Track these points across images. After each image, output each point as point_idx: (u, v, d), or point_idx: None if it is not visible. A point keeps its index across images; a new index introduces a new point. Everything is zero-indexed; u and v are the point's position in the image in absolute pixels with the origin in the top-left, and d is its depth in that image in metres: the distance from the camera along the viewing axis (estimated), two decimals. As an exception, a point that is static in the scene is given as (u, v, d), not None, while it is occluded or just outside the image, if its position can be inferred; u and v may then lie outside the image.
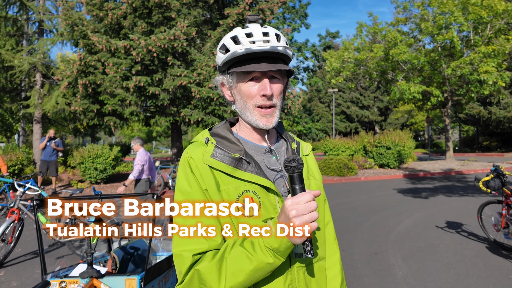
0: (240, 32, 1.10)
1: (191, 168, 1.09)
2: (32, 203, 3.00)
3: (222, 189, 1.06)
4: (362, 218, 7.90)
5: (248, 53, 1.06)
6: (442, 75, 18.32)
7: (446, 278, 4.52)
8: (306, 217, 0.93)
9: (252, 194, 1.06)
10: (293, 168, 0.99)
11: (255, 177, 1.07)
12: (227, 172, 1.07)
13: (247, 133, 1.18)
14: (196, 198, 1.05)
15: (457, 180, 14.48)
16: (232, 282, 0.96)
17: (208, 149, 1.10)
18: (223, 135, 1.15)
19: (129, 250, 3.44)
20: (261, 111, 1.11)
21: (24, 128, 22.59)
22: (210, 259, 0.98)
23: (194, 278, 0.98)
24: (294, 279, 1.07)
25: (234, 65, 1.11)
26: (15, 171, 12.10)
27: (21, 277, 4.82)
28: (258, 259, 0.96)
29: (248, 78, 1.10)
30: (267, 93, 1.08)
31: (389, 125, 41.79)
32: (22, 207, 5.96)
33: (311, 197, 0.95)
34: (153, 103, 14.06)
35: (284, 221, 0.95)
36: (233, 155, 1.09)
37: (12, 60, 14.39)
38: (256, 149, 1.17)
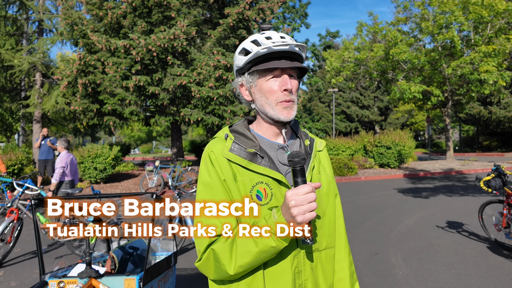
0: (260, 36, 1.23)
1: (211, 161, 1.21)
2: (31, 203, 2.98)
3: (238, 179, 1.18)
4: (363, 218, 7.88)
5: (269, 52, 1.18)
6: (443, 74, 18.30)
7: (447, 278, 4.50)
8: (305, 207, 1.03)
9: (265, 185, 1.18)
10: (295, 163, 1.08)
11: (268, 170, 1.19)
12: (242, 165, 1.19)
13: (265, 130, 1.29)
14: (215, 186, 1.18)
15: (458, 180, 14.46)
16: (241, 261, 1.09)
17: (227, 144, 1.22)
18: (241, 132, 1.27)
19: (128, 250, 3.42)
20: (282, 104, 1.22)
21: (24, 128, 22.56)
22: (224, 241, 1.11)
23: (210, 256, 1.12)
24: (300, 263, 1.18)
25: (255, 66, 1.23)
26: (14, 170, 12.08)
27: (20, 277, 4.81)
28: (263, 242, 1.08)
29: (270, 76, 1.22)
30: (288, 88, 1.20)
31: (389, 125, 41.77)
32: (21, 207, 5.94)
33: (311, 188, 1.05)
34: (153, 102, 14.04)
35: (285, 210, 1.06)
36: (248, 150, 1.20)
37: (11, 60, 14.37)
38: (270, 145, 1.27)
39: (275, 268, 1.16)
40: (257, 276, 1.15)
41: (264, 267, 1.15)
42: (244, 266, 1.10)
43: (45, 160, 11.51)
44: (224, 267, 1.10)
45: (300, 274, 1.19)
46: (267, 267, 1.16)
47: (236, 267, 1.09)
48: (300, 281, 1.19)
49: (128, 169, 16.22)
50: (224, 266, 1.10)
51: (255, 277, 1.15)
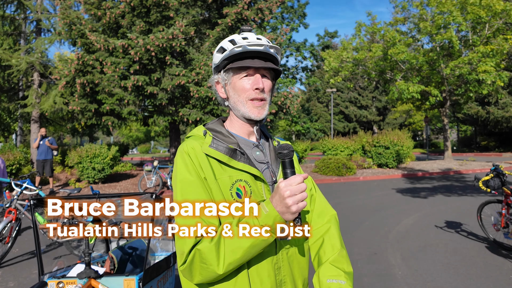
0: (237, 36, 1.28)
1: (191, 158, 1.19)
2: (30, 203, 2.97)
3: (217, 178, 1.18)
4: (361, 218, 7.89)
5: (244, 51, 1.22)
6: (441, 74, 18.34)
7: (446, 277, 4.50)
8: (298, 196, 1.04)
9: (244, 183, 1.19)
10: (285, 155, 1.11)
11: (247, 167, 1.21)
12: (223, 161, 1.20)
13: (238, 128, 1.31)
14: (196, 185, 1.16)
15: (456, 180, 14.49)
16: (231, 259, 1.07)
17: (207, 140, 1.23)
18: (218, 130, 1.28)
19: (127, 250, 3.41)
20: (253, 103, 1.24)
21: (22, 128, 22.51)
22: (210, 240, 1.09)
23: (195, 258, 1.09)
24: (279, 259, 1.21)
25: (230, 63, 1.26)
26: (12, 170, 12.05)
27: (18, 277, 4.79)
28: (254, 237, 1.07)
29: (243, 74, 1.25)
30: (259, 87, 1.23)
31: (387, 125, 41.85)
32: (19, 207, 5.92)
33: (302, 179, 1.07)
34: (151, 102, 14.02)
35: (278, 200, 1.06)
36: (230, 146, 1.22)
37: (9, 60, 14.32)
38: (245, 143, 1.29)
39: (258, 266, 1.16)
40: (241, 275, 1.15)
41: (247, 266, 1.15)
42: (234, 263, 1.08)
43: (43, 160, 11.49)
44: (212, 267, 1.08)
45: (280, 270, 1.21)
46: (250, 265, 1.16)
47: (225, 265, 1.07)
48: (280, 276, 1.20)
49: (126, 169, 16.20)
50: (212, 266, 1.08)
51: (240, 277, 1.15)
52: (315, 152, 30.59)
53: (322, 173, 15.74)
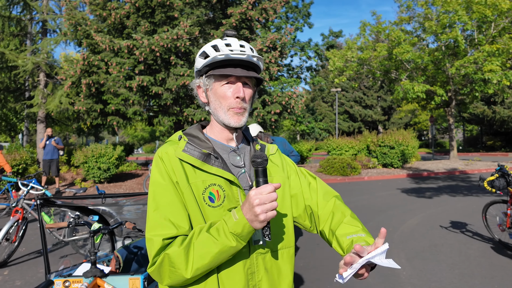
0: (220, 42, 1.26)
1: (164, 163, 1.21)
2: (36, 203, 3.00)
3: (190, 182, 1.19)
4: (366, 218, 7.88)
5: (227, 59, 1.22)
6: (446, 74, 18.25)
7: (450, 278, 4.49)
8: (267, 205, 1.04)
9: (217, 187, 1.20)
10: (258, 163, 1.11)
11: (221, 171, 1.21)
12: (196, 165, 1.20)
13: (217, 133, 1.31)
14: (168, 189, 1.17)
15: (461, 180, 14.42)
16: (199, 264, 1.08)
17: (181, 144, 1.24)
18: (195, 135, 1.29)
19: (132, 249, 3.43)
20: (234, 110, 1.25)
21: (28, 128, 22.67)
22: (179, 244, 1.10)
23: (164, 261, 1.10)
24: (253, 264, 1.20)
25: (212, 70, 1.26)
26: (19, 170, 12.14)
27: (25, 276, 4.84)
28: (223, 243, 1.08)
29: (224, 82, 1.25)
30: (240, 95, 1.23)
31: (392, 125, 41.69)
32: (26, 207, 5.98)
33: (272, 188, 1.07)
34: (156, 102, 14.07)
35: (247, 208, 1.06)
36: (203, 151, 1.22)
37: (15, 60, 14.43)
38: (223, 148, 1.30)
39: (228, 270, 1.16)
40: (211, 279, 1.15)
41: (217, 270, 1.16)
42: (201, 268, 1.09)
43: (50, 160, 11.56)
44: (180, 271, 1.08)
45: (254, 275, 1.20)
46: (220, 269, 1.16)
47: (193, 270, 1.08)
48: (253, 282, 1.20)
49: (131, 169, 16.27)
50: (180, 270, 1.08)
51: (209, 281, 1.15)
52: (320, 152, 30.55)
53: (327, 173, 15.72)
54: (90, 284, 2.56)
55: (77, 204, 3.72)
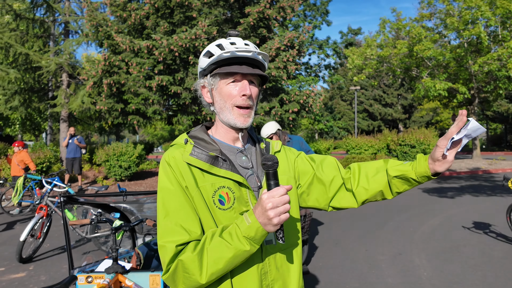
0: (225, 41, 1.26)
1: (172, 168, 1.19)
2: (60, 200, 3.08)
3: (199, 185, 1.17)
4: (386, 218, 7.79)
5: (232, 56, 1.21)
6: (469, 71, 17.85)
7: (472, 279, 4.40)
8: (280, 208, 1.03)
9: (227, 189, 1.19)
10: (269, 166, 1.09)
11: (229, 173, 1.19)
12: (204, 169, 1.19)
13: (223, 134, 1.30)
14: (177, 194, 1.16)
15: (485, 180, 14.10)
16: (213, 269, 1.08)
17: (187, 148, 1.22)
18: (200, 137, 1.27)
19: (153, 246, 3.48)
20: (239, 111, 1.23)
21: (51, 127, 23.18)
22: (192, 250, 1.09)
23: (178, 267, 1.09)
24: (265, 264, 1.20)
25: (218, 68, 1.24)
26: (43, 168, 12.45)
27: (49, 271, 4.96)
28: (236, 247, 1.07)
29: (230, 80, 1.23)
30: (247, 93, 1.22)
31: (413, 123, 41.01)
32: (50, 204, 6.13)
33: (285, 191, 1.05)
34: (175, 102, 14.21)
35: (260, 212, 1.05)
36: (210, 154, 1.20)
37: (39, 61, 14.79)
38: (229, 149, 1.28)
39: (242, 272, 1.16)
40: (224, 283, 1.15)
41: (230, 273, 1.15)
42: (216, 273, 1.09)
43: (72, 158, 11.81)
44: (195, 277, 1.08)
45: (266, 275, 1.20)
46: (233, 272, 1.15)
47: (208, 275, 1.08)
48: (267, 282, 1.20)
49: (151, 167, 16.48)
50: (195, 276, 1.08)
51: (223, 283, 1.15)
52: (338, 150, 30.32)
53: (346, 172, 15.59)
54: (111, 280, 2.61)
55: (99, 202, 3.79)
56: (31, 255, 5.43)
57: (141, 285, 2.71)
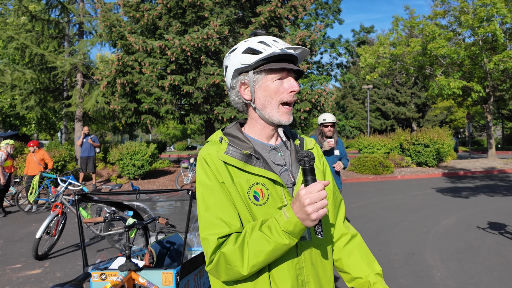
0: (266, 38, 1.27)
1: (208, 164, 1.23)
2: (74, 198, 3.12)
3: (235, 181, 1.21)
4: (399, 218, 7.72)
5: (283, 53, 1.24)
6: (484, 69, 17.58)
7: (488, 281, 4.34)
8: (318, 204, 1.05)
9: (261, 186, 1.22)
10: (305, 162, 1.11)
11: (263, 171, 1.22)
12: (238, 167, 1.22)
13: (258, 131, 1.32)
14: (215, 189, 1.20)
15: (500, 179, 13.87)
16: (254, 261, 1.11)
17: (222, 146, 1.25)
18: (235, 135, 1.29)
19: (165, 244, 3.52)
20: (284, 109, 1.27)
21: (66, 126, 23.50)
22: (234, 243, 1.13)
23: (221, 259, 1.14)
24: (301, 259, 1.23)
25: (266, 65, 1.25)
26: (58, 167, 12.64)
27: (64, 268, 5.04)
28: (276, 241, 1.10)
29: (277, 77, 1.25)
30: (296, 89, 1.25)
31: (427, 122, 40.52)
32: (65, 202, 6.23)
33: (322, 186, 1.07)
34: (187, 101, 14.29)
35: (298, 207, 1.07)
36: (244, 152, 1.23)
37: (54, 61, 15.02)
38: (263, 147, 1.30)
39: (278, 266, 1.19)
40: (262, 275, 1.18)
41: (268, 266, 1.18)
42: (257, 265, 1.12)
43: (87, 157, 11.97)
44: (237, 268, 1.12)
45: (302, 270, 1.22)
46: (271, 265, 1.18)
47: (249, 267, 1.11)
48: (302, 276, 1.22)
49: (164, 166, 16.60)
50: (237, 267, 1.12)
51: (261, 277, 1.18)
52: (351, 150, 30.11)
53: (358, 171, 15.49)
54: (125, 278, 2.64)
55: (112, 200, 3.84)
56: (46, 252, 5.52)
57: (154, 283, 2.74)
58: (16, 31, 14.90)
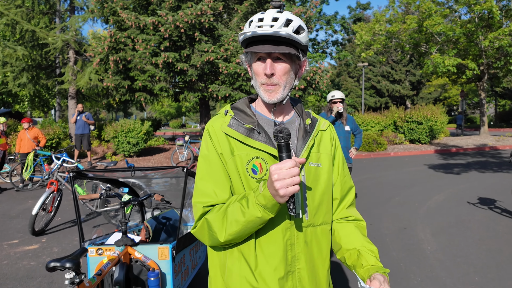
0: (256, 16, 1.23)
1: (210, 135, 1.28)
2: (69, 175, 3.14)
3: (235, 154, 1.24)
4: (391, 193, 7.84)
5: (254, 35, 1.20)
6: (479, 47, 17.52)
7: (477, 253, 4.46)
8: (287, 181, 1.05)
9: (260, 160, 1.23)
10: (280, 138, 1.10)
11: (263, 146, 1.23)
12: (240, 140, 1.24)
13: (263, 107, 1.34)
14: (212, 159, 1.25)
15: (491, 156, 14.04)
16: (230, 230, 1.16)
17: (226, 119, 1.28)
18: (241, 109, 1.32)
19: (161, 220, 3.57)
20: (265, 87, 1.25)
21: (60, 104, 23.29)
22: (217, 211, 1.19)
23: (204, 225, 1.21)
24: (292, 236, 1.24)
25: (246, 48, 1.26)
26: (52, 144, 12.60)
27: (61, 243, 5.11)
28: (249, 213, 1.13)
29: (256, 58, 1.25)
30: (266, 72, 1.21)
31: (421, 100, 40.52)
32: (60, 179, 6.25)
33: (294, 163, 1.06)
34: (181, 79, 14.18)
35: (268, 183, 1.09)
36: (246, 126, 1.25)
37: (46, 38, 14.74)
38: (267, 122, 1.32)
39: (267, 238, 1.21)
40: (249, 244, 1.22)
41: (256, 236, 1.22)
42: (233, 234, 1.16)
43: (81, 134, 11.92)
44: (216, 235, 1.18)
45: (293, 247, 1.23)
46: (258, 236, 1.21)
47: (226, 235, 1.16)
48: (293, 253, 1.23)
49: (159, 144, 16.61)
50: (216, 234, 1.18)
51: (248, 245, 1.22)
52: (346, 127, 30.15)
53: (352, 148, 15.58)
54: (121, 252, 2.68)
55: (108, 177, 3.87)
56: (43, 228, 5.58)
57: (150, 257, 2.79)
58: (6, 6, 14.55)
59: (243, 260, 1.22)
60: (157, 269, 2.71)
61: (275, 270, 1.21)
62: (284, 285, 1.22)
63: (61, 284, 3.82)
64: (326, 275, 1.33)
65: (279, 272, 1.21)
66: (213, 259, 1.32)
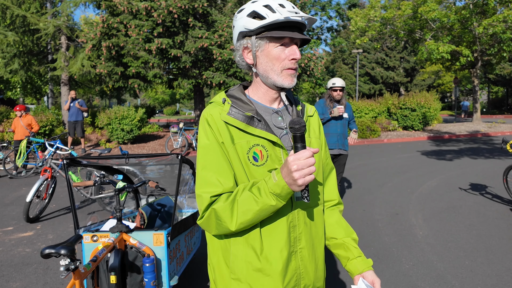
0: (273, 2, 1.24)
1: (209, 124, 1.27)
2: (63, 162, 3.14)
3: (236, 142, 1.25)
4: (384, 179, 7.91)
5: (286, 21, 1.22)
6: (473, 33, 17.52)
7: (467, 238, 4.55)
8: (305, 170, 1.08)
9: (261, 147, 1.26)
10: (296, 129, 1.13)
11: (264, 133, 1.26)
12: (240, 128, 1.25)
13: (261, 95, 1.35)
14: (213, 149, 1.25)
15: (484, 142, 14.17)
16: (242, 219, 1.18)
17: (225, 108, 1.28)
18: (238, 97, 1.32)
19: (156, 206, 3.59)
20: (288, 72, 1.28)
21: (53, 90, 23.05)
22: (225, 200, 1.20)
23: (212, 215, 1.21)
24: (294, 218, 1.29)
25: (268, 31, 1.24)
26: (46, 131, 12.52)
27: (56, 230, 5.13)
28: (263, 202, 1.15)
29: (278, 44, 1.25)
30: (297, 57, 1.26)
31: (415, 87, 40.59)
32: (54, 166, 6.23)
33: (311, 154, 1.10)
34: (175, 65, 14.07)
35: (286, 173, 1.11)
36: (246, 114, 1.26)
37: (37, 23, 14.52)
38: (265, 110, 1.34)
39: (272, 222, 1.25)
40: (254, 229, 1.25)
41: (260, 223, 1.25)
42: (245, 223, 1.18)
43: (74, 121, 11.84)
44: (226, 224, 1.19)
45: (295, 228, 1.29)
46: (264, 221, 1.25)
47: (237, 224, 1.18)
48: (295, 234, 1.29)
49: (153, 131, 16.55)
50: (226, 223, 1.19)
51: (253, 231, 1.25)
52: (340, 114, 30.18)
53: (346, 135, 15.63)
54: (116, 239, 2.70)
55: (102, 164, 3.87)
56: (38, 215, 5.59)
57: (145, 243, 2.81)
58: (-5, -10, 14.28)
59: (249, 245, 1.25)
60: (152, 255, 2.74)
61: (280, 252, 1.25)
62: (288, 265, 1.27)
63: (56, 270, 3.85)
64: (323, 253, 1.41)
65: (283, 253, 1.26)
66: (215, 246, 1.34)
